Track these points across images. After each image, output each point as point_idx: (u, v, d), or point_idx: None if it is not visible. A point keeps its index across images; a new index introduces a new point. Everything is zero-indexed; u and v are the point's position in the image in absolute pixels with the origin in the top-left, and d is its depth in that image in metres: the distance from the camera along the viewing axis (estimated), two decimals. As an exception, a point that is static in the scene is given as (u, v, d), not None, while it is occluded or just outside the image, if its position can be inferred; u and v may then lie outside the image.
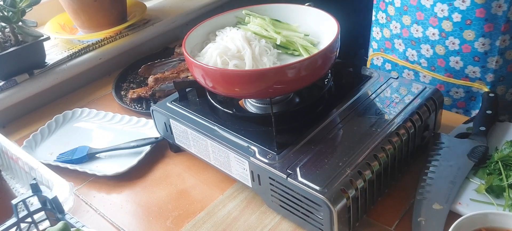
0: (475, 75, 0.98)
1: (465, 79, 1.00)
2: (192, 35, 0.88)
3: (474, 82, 0.99)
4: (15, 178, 0.94)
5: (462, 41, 0.98)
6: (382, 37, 1.15)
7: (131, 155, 0.95)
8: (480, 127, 0.85)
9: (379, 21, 1.14)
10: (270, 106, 0.80)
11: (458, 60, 0.98)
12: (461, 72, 0.99)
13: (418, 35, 1.05)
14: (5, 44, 1.10)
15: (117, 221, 0.83)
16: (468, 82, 1.00)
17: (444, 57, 0.99)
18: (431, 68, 1.04)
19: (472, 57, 0.96)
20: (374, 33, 1.18)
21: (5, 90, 1.11)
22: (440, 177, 0.78)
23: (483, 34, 0.95)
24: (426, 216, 0.73)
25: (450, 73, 1.02)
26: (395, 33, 1.10)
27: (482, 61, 0.95)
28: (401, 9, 1.06)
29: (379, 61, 1.19)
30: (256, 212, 0.80)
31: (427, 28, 1.02)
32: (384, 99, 0.85)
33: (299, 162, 0.73)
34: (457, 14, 0.96)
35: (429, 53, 1.02)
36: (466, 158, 0.80)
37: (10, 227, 0.68)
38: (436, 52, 1.00)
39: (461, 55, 0.97)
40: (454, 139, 0.86)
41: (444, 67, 1.01)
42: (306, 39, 0.87)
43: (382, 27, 1.14)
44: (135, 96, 1.14)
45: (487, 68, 0.96)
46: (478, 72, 0.97)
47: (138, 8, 1.42)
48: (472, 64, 0.97)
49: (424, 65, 1.05)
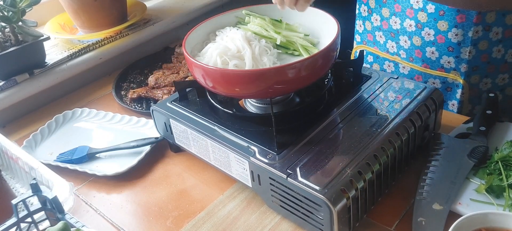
0: (450, 66, 1.01)
1: (441, 70, 1.03)
2: (192, 35, 0.88)
3: (449, 73, 1.02)
4: (15, 178, 0.94)
5: (437, 32, 1.00)
6: (364, 30, 1.17)
7: (131, 155, 0.95)
8: (480, 127, 0.85)
9: (361, 14, 1.16)
10: (270, 106, 0.80)
11: (434, 50, 1.00)
12: (437, 62, 1.02)
13: (396, 27, 1.07)
14: (5, 44, 1.10)
15: (117, 221, 0.83)
16: (443, 73, 1.03)
17: (421, 48, 1.02)
18: (409, 59, 1.06)
19: (446, 47, 0.99)
20: (357, 26, 1.20)
21: (5, 90, 1.10)
22: (440, 177, 0.78)
23: (456, 25, 0.97)
24: (426, 216, 0.73)
25: (427, 64, 1.05)
26: (375, 26, 1.12)
27: (456, 51, 0.98)
28: (381, 2, 1.08)
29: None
30: (256, 212, 0.80)
31: (404, 19, 1.04)
32: (384, 99, 0.85)
33: (299, 162, 0.73)
34: (431, 5, 0.98)
35: (407, 44, 1.04)
36: (466, 158, 0.80)
37: (10, 227, 0.68)
38: (413, 43, 1.03)
39: (436, 45, 1.00)
40: (454, 139, 0.86)
41: (421, 58, 1.04)
42: (306, 39, 0.87)
43: (364, 20, 1.16)
44: (135, 96, 1.14)
45: (461, 58, 0.98)
46: (452, 63, 1.00)
47: (138, 8, 1.42)
48: (447, 55, 0.99)
49: (403, 57, 1.08)
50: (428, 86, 0.87)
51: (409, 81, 0.90)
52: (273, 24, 0.90)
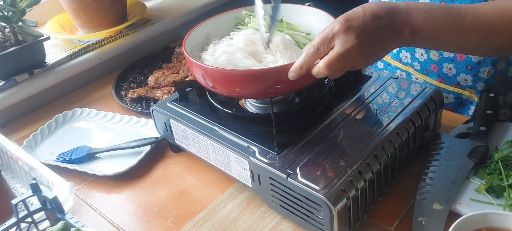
0: (466, 84, 0.99)
1: (456, 86, 1.01)
2: (192, 35, 0.88)
3: (465, 90, 1.00)
4: (15, 178, 0.94)
5: None
6: None
7: (131, 155, 0.95)
8: (480, 127, 0.85)
9: None
10: (270, 106, 0.79)
11: (452, 67, 0.98)
12: (453, 79, 1.00)
13: None
14: (5, 44, 1.10)
15: (117, 221, 0.83)
16: (459, 89, 1.01)
17: (438, 63, 1.00)
18: (423, 72, 1.04)
19: (465, 66, 0.96)
20: None
21: (5, 90, 1.10)
22: (440, 177, 0.78)
23: None
24: (426, 216, 0.73)
25: (442, 79, 1.02)
26: None
27: (475, 70, 0.96)
28: None
29: None
30: (256, 212, 0.80)
31: None
32: (384, 99, 0.85)
33: (299, 162, 0.73)
34: None
35: (423, 57, 1.02)
36: (466, 158, 0.80)
37: (10, 227, 0.68)
38: (430, 57, 1.00)
39: (455, 63, 0.97)
40: (454, 139, 0.86)
41: (437, 72, 1.02)
42: (308, 38, 0.87)
43: None
44: (135, 96, 1.14)
45: (479, 77, 0.96)
46: (469, 81, 0.98)
47: (138, 7, 1.42)
48: (465, 73, 0.97)
49: (416, 68, 1.05)
50: (429, 86, 0.87)
51: (409, 81, 0.90)
52: (274, 23, 0.90)
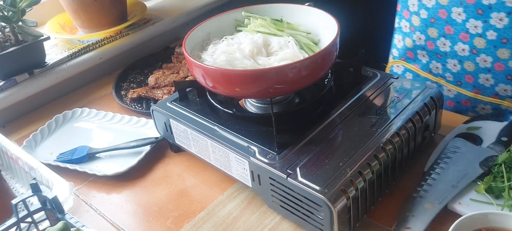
0: (506, 94, 0.96)
1: (494, 96, 0.98)
2: (192, 35, 0.88)
3: (504, 100, 0.97)
4: (15, 178, 0.94)
5: (495, 59, 0.95)
6: (404, 46, 1.11)
7: (131, 155, 0.95)
8: (502, 137, 0.83)
9: (402, 29, 1.11)
10: (271, 106, 0.79)
11: (489, 77, 0.95)
12: (491, 89, 0.97)
13: (445, 49, 1.01)
14: (5, 44, 1.10)
15: (117, 221, 0.83)
16: (497, 100, 0.98)
17: (473, 73, 0.97)
18: (457, 83, 1.01)
19: (505, 75, 0.94)
20: (396, 41, 1.14)
21: (5, 90, 1.10)
22: (443, 180, 0.78)
23: None
24: (415, 212, 0.73)
25: (478, 90, 0.99)
26: (418, 44, 1.07)
27: None
28: (427, 21, 1.02)
29: (400, 69, 1.16)
30: (256, 212, 0.80)
31: (456, 43, 0.99)
32: (384, 99, 0.85)
33: (299, 162, 0.73)
34: (492, 32, 0.93)
35: (456, 68, 0.99)
36: (477, 165, 0.78)
37: (10, 227, 0.68)
38: (464, 68, 0.98)
39: (492, 73, 0.94)
40: (470, 145, 0.83)
41: (472, 83, 0.99)
42: (308, 38, 0.87)
43: (404, 36, 1.10)
44: (135, 96, 1.14)
45: None
46: (509, 91, 0.95)
47: (138, 7, 1.42)
48: (504, 83, 0.94)
49: (449, 79, 1.03)
50: (428, 86, 0.87)
51: (409, 81, 0.90)
52: (275, 24, 0.90)
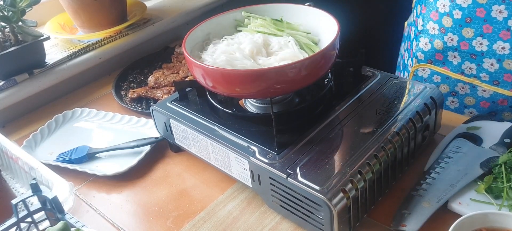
0: None
1: None
2: (192, 35, 0.88)
3: None
4: (15, 178, 0.94)
5: None
6: (431, 49, 1.10)
7: (131, 155, 0.95)
8: (504, 138, 0.83)
9: (429, 31, 1.09)
10: (270, 106, 0.79)
11: None
12: None
13: (482, 49, 1.00)
14: (5, 44, 1.10)
15: (117, 221, 0.83)
16: None
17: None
18: (493, 83, 1.00)
19: None
20: (421, 44, 1.12)
21: (5, 90, 1.10)
22: (442, 179, 0.78)
23: None
24: (411, 210, 0.73)
25: None
26: (450, 46, 1.06)
27: None
28: (462, 21, 1.01)
29: (425, 73, 1.14)
30: (256, 212, 0.80)
31: (495, 41, 0.98)
32: (384, 99, 0.85)
33: (299, 162, 0.73)
34: None
35: (493, 67, 0.98)
36: (477, 166, 0.78)
37: (10, 227, 0.68)
38: (503, 67, 0.97)
39: None
40: (473, 146, 0.83)
41: (511, 82, 0.98)
42: (308, 37, 0.87)
43: (432, 38, 1.09)
44: (135, 96, 1.14)
45: None
46: None
47: (138, 7, 1.42)
48: None
49: (484, 79, 1.01)
50: (428, 86, 0.87)
51: (409, 81, 0.90)
52: (275, 24, 0.90)
